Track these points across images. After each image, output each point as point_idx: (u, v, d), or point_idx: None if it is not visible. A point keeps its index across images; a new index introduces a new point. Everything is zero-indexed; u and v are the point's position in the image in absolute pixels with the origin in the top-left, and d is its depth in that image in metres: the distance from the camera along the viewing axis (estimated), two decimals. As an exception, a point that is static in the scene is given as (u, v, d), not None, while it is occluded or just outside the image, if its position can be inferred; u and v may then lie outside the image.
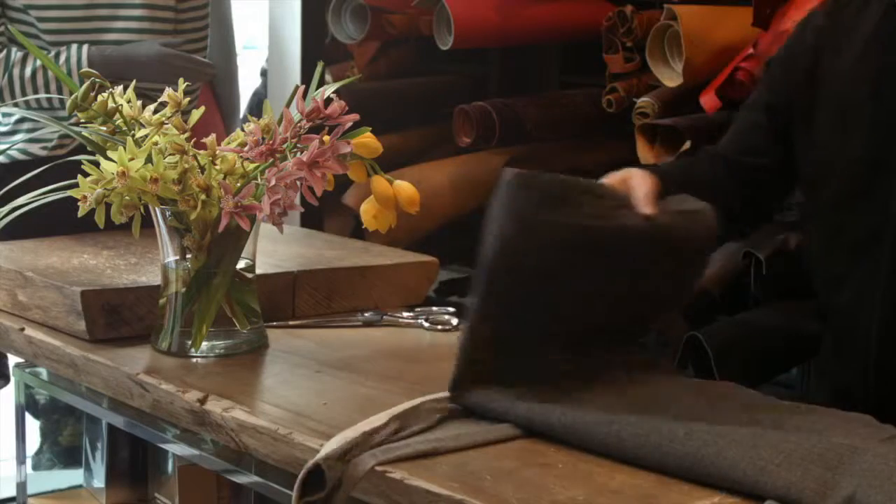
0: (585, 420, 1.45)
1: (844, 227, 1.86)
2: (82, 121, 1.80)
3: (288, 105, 1.71)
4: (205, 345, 1.80)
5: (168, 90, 1.79)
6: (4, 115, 2.63)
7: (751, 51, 2.71)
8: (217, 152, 1.72)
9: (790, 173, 1.95)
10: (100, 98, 1.77)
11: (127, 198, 1.69)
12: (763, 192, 2.00)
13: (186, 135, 1.74)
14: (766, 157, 1.96)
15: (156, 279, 1.86)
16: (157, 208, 1.76)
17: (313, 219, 3.40)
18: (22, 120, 2.61)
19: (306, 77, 3.61)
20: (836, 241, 1.88)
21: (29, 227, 1.96)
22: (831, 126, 1.86)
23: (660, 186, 1.70)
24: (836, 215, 1.87)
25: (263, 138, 1.67)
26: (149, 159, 1.68)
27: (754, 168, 1.97)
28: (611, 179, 1.70)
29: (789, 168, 1.94)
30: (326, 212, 3.56)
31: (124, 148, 1.68)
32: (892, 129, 1.80)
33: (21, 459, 2.19)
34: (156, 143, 1.71)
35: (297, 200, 1.70)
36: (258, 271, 1.87)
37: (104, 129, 1.78)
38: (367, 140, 1.77)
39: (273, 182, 1.66)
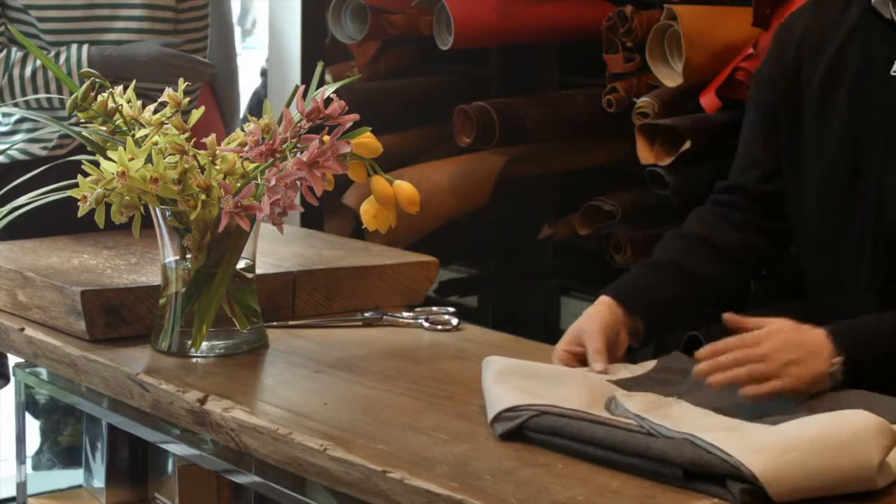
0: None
1: (826, 233, 1.84)
2: (82, 121, 1.80)
3: (288, 105, 1.72)
4: (205, 345, 1.80)
5: (168, 90, 1.79)
6: (4, 115, 2.63)
7: (751, 51, 2.70)
8: (217, 152, 1.72)
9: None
10: (100, 98, 1.77)
11: (127, 198, 1.69)
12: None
13: (186, 135, 1.74)
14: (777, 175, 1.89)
15: (156, 279, 1.86)
16: (157, 208, 1.76)
17: (313, 219, 3.39)
18: (22, 120, 2.60)
19: (306, 77, 3.61)
20: (819, 246, 1.86)
21: (29, 227, 1.96)
22: (813, 131, 1.84)
23: (619, 330, 1.77)
24: (818, 221, 1.85)
25: (263, 138, 1.67)
26: (149, 159, 1.68)
27: (770, 194, 1.90)
28: (563, 342, 1.77)
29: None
30: (326, 212, 3.56)
31: (124, 148, 1.68)
32: (869, 131, 1.78)
33: (21, 459, 2.18)
34: (156, 143, 1.71)
35: (297, 200, 1.70)
36: (258, 271, 1.87)
37: (104, 129, 1.78)
38: (367, 140, 1.77)
39: (273, 182, 1.66)
